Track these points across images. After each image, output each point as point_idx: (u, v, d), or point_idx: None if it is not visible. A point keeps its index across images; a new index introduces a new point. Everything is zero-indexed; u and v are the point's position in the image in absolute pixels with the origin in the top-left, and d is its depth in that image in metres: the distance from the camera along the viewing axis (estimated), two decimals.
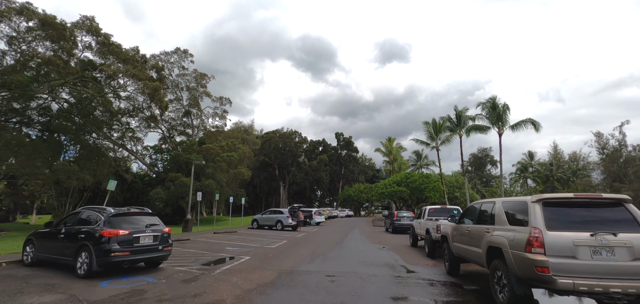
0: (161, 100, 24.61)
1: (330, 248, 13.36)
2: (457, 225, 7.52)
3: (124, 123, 35.68)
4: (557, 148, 77.03)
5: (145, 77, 23.35)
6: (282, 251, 12.00)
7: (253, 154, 66.71)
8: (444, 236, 8.41)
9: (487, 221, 5.98)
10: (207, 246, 13.25)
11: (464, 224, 7.14)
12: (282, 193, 69.17)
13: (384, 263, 9.58)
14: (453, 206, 12.58)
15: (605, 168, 50.74)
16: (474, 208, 6.94)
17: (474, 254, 6.33)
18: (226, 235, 18.81)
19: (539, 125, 35.04)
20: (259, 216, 25.94)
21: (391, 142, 59.95)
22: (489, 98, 37.60)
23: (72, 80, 25.12)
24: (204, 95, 43.11)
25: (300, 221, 23.99)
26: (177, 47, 38.06)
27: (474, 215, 6.78)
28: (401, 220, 22.49)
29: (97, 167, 27.93)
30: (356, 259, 10.40)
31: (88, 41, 26.26)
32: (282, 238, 17.22)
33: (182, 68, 40.24)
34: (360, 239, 17.77)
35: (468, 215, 7.20)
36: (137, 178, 44.59)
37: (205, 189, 35.46)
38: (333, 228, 26.63)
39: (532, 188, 65.71)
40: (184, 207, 39.44)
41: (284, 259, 10.08)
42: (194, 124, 42.64)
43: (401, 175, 44.73)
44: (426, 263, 9.70)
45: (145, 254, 7.57)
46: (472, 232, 6.47)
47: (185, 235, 19.13)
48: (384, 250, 12.95)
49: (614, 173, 48.57)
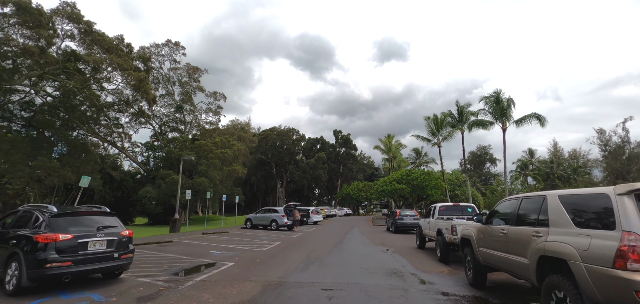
0: (147, 91, 22.97)
1: (327, 250, 11.88)
2: (484, 227, 6.04)
3: (112, 119, 34.05)
4: (557, 145, 76.11)
5: (130, 66, 21.71)
6: (272, 256, 10.51)
7: (250, 152, 65.14)
8: (464, 239, 6.94)
9: (535, 222, 4.50)
10: (190, 250, 11.74)
11: (494, 225, 5.68)
12: (280, 191, 67.61)
13: (390, 271, 8.12)
14: (466, 204, 11.13)
15: (608, 165, 49.54)
16: (510, 204, 5.44)
17: (513, 265, 4.86)
18: (215, 236, 17.30)
19: (545, 119, 33.81)
20: (252, 215, 24.44)
21: (390, 139, 58.52)
22: (493, 92, 36.24)
23: (52, 71, 23.48)
24: (197, 89, 41.49)
25: (296, 221, 22.50)
26: (168, 39, 36.42)
27: (510, 214, 5.30)
28: (404, 219, 21.05)
29: (81, 164, 26.33)
30: (358, 265, 8.94)
31: (70, 29, 24.61)
32: (276, 239, 15.73)
33: (174, 61, 38.59)
34: (361, 240, 16.31)
35: (500, 214, 5.72)
36: (128, 176, 42.95)
37: (197, 187, 33.92)
38: (331, 228, 25.17)
39: (532, 186, 64.65)
40: (176, 206, 37.96)
41: (273, 266, 8.59)
42: (186, 120, 40.98)
43: (401, 173, 43.30)
44: (441, 271, 8.24)
45: (95, 264, 6.04)
46: (511, 236, 4.99)
47: (170, 236, 17.59)
48: (389, 253, 11.49)
49: (617, 170, 47.44)
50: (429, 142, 41.79)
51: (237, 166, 38.55)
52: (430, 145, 41.94)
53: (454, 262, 9.49)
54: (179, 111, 39.08)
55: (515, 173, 69.22)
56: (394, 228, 21.32)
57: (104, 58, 21.62)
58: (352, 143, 71.42)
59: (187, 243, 14.08)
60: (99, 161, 28.21)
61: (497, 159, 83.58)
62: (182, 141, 38.14)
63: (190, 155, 24.40)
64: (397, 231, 21.10)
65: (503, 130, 35.56)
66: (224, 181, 37.50)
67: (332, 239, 16.39)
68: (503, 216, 5.55)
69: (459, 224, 8.60)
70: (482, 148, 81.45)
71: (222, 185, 37.40)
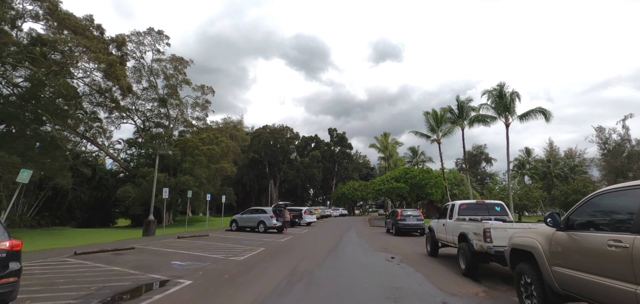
0: (119, 77, 20.39)
1: (320, 259, 9.62)
2: (565, 234, 3.80)
3: (89, 112, 31.31)
4: (552, 145, 75.14)
5: (99, 49, 19.15)
6: (248, 269, 8.21)
7: (242, 151, 62.51)
8: (519, 252, 4.73)
9: None
10: (147, 260, 9.38)
11: (590, 232, 3.46)
12: (273, 191, 65.16)
13: (405, 291, 5.89)
14: (493, 201, 8.93)
15: (608, 163, 48.10)
16: (628, 198, 3.20)
17: None
18: (191, 241, 14.91)
19: (550, 114, 32.15)
20: (238, 216, 22.06)
21: (386, 137, 56.49)
22: (496, 85, 34.48)
23: (14, 56, 20.82)
24: (184, 82, 38.84)
25: (287, 222, 20.18)
26: (151, 27, 33.72)
27: (628, 214, 3.08)
28: (406, 219, 18.88)
29: (49, 161, 23.63)
30: (359, 281, 6.69)
31: (34, 10, 21.98)
32: (260, 244, 13.43)
33: (157, 52, 35.92)
34: (359, 244, 14.07)
35: (603, 214, 3.51)
36: (109, 175, 40.16)
37: (181, 186, 31.37)
38: (326, 229, 22.91)
39: (529, 185, 63.44)
40: (159, 207, 35.23)
41: (243, 287, 6.30)
42: (171, 115, 38.32)
43: (400, 171, 41.22)
44: (473, 292, 6.02)
45: None
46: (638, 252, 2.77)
47: (137, 241, 15.13)
48: (396, 262, 9.26)
49: (617, 168, 46.10)
50: (428, 138, 39.85)
51: (225, 164, 36.04)
52: (430, 141, 40.02)
53: (484, 276, 7.30)
54: (163, 105, 36.42)
55: (513, 172, 68.01)
56: (395, 230, 19.15)
57: (69, 39, 18.98)
58: (348, 141, 69.24)
59: (150, 250, 11.69)
60: (70, 158, 25.45)
61: (493, 158, 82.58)
62: (166, 137, 35.56)
63: (167, 150, 21.90)
64: (399, 233, 18.95)
65: (506, 125, 33.79)
66: (212, 180, 34.99)
67: (326, 243, 14.13)
68: (613, 218, 3.33)
69: (496, 227, 6.38)
70: (477, 147, 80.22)
71: (209, 184, 34.88)
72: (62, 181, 24.57)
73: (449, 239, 8.81)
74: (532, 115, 33.16)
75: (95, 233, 22.00)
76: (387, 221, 22.11)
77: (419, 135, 40.41)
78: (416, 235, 19.05)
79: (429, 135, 39.81)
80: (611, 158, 47.13)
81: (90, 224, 36.35)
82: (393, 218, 19.96)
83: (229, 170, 36.62)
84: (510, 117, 33.69)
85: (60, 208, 33.42)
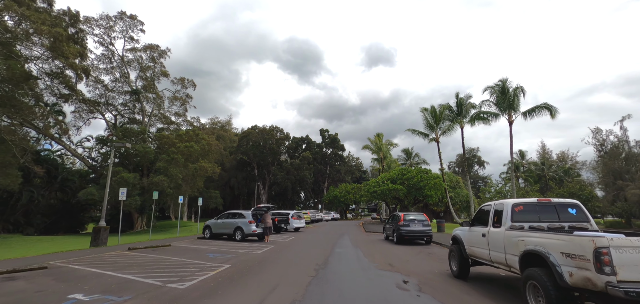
0: (66, 55, 16.93)
1: (301, 286, 6.54)
2: None
3: (51, 104, 27.55)
4: (545, 147, 73.93)
5: (39, 19, 15.72)
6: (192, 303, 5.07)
7: (229, 152, 58.87)
8: None
9: None
10: (37, 292, 6.14)
11: None
12: (262, 194, 61.63)
13: None
14: (565, 201, 5.90)
15: (605, 165, 46.28)
16: None
17: None
18: (141, 253, 11.62)
19: (556, 110, 30.05)
20: (212, 221, 18.76)
21: (380, 138, 53.80)
22: (498, 81, 32.24)
23: None
24: (161, 74, 35.37)
25: (268, 228, 16.99)
26: (122, 11, 30.24)
27: None
28: (410, 225, 15.91)
29: None
30: None
31: None
32: (227, 259, 10.25)
33: (131, 39, 32.43)
34: (356, 257, 11.01)
35: None
36: (76, 176, 36.15)
37: (154, 187, 27.82)
38: (315, 237, 19.76)
39: (524, 188, 61.71)
40: (130, 211, 31.50)
41: None
42: (146, 109, 34.73)
43: (395, 171, 38.41)
44: None
45: None
46: None
47: (66, 255, 11.70)
48: (414, 291, 6.23)
49: (614, 170, 44.36)
50: (427, 137, 37.24)
51: (205, 163, 32.56)
52: (428, 140, 37.41)
53: None
54: (135, 96, 32.81)
55: (508, 175, 66.39)
56: (396, 238, 16.15)
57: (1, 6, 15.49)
58: (340, 142, 66.31)
59: (70, 270, 8.40)
60: (17, 154, 21.71)
61: (485, 162, 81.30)
62: (140, 133, 31.93)
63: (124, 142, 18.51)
64: (401, 241, 15.95)
65: (509, 122, 31.54)
66: (190, 181, 31.50)
67: (314, 257, 11.02)
68: None
69: (622, 244, 3.41)
70: (469, 150, 78.54)
71: (187, 185, 31.40)
72: (5, 181, 20.85)
73: (495, 258, 5.80)
74: (537, 112, 31.10)
75: (34, 242, 18.36)
76: (386, 227, 19.10)
77: (417, 134, 37.86)
78: (422, 243, 16.13)
79: (427, 134, 37.27)
80: (609, 160, 45.30)
81: (54, 230, 32.37)
82: (394, 224, 16.97)
83: (209, 170, 33.17)
84: (513, 114, 31.50)
85: (15, 213, 29.42)
